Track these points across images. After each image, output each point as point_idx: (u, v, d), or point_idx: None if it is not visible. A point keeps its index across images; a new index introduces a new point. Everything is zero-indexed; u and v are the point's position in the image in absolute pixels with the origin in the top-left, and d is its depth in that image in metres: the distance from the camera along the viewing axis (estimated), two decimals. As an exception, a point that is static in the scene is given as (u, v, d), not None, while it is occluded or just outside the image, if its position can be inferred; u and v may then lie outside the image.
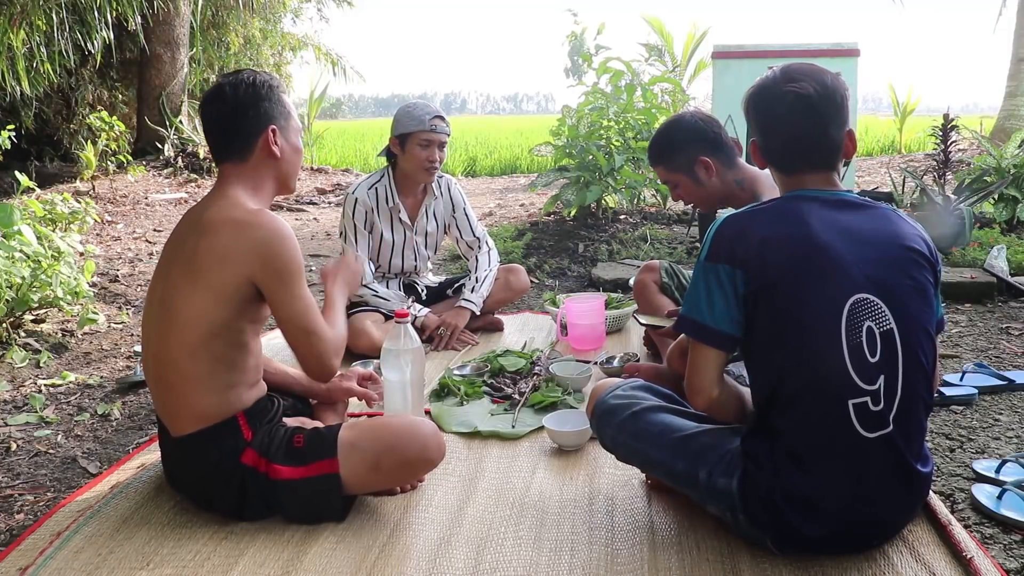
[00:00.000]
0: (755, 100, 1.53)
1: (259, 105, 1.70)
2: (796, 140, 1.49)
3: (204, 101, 1.74)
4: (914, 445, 1.44)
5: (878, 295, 1.38)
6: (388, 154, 3.03)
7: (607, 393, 1.72)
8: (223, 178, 1.72)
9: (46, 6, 6.39)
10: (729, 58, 4.68)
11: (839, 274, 1.38)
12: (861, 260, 1.39)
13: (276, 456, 1.64)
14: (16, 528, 1.77)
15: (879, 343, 1.37)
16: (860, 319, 1.37)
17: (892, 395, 1.38)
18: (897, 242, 1.44)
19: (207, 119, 1.74)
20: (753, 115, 1.54)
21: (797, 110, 1.46)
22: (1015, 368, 2.66)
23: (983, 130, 8.13)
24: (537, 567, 1.50)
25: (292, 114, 1.78)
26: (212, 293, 1.59)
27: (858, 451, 1.38)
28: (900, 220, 1.49)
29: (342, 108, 32.02)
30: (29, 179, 4.80)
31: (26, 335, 3.17)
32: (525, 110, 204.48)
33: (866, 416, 1.37)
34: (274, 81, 1.76)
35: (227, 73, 1.77)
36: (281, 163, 1.75)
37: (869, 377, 1.37)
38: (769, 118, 1.51)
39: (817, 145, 1.48)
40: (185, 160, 8.59)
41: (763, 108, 1.52)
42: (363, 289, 2.96)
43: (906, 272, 1.43)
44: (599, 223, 5.59)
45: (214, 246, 1.60)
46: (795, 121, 1.47)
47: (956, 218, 4.40)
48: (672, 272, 2.76)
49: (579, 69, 6.15)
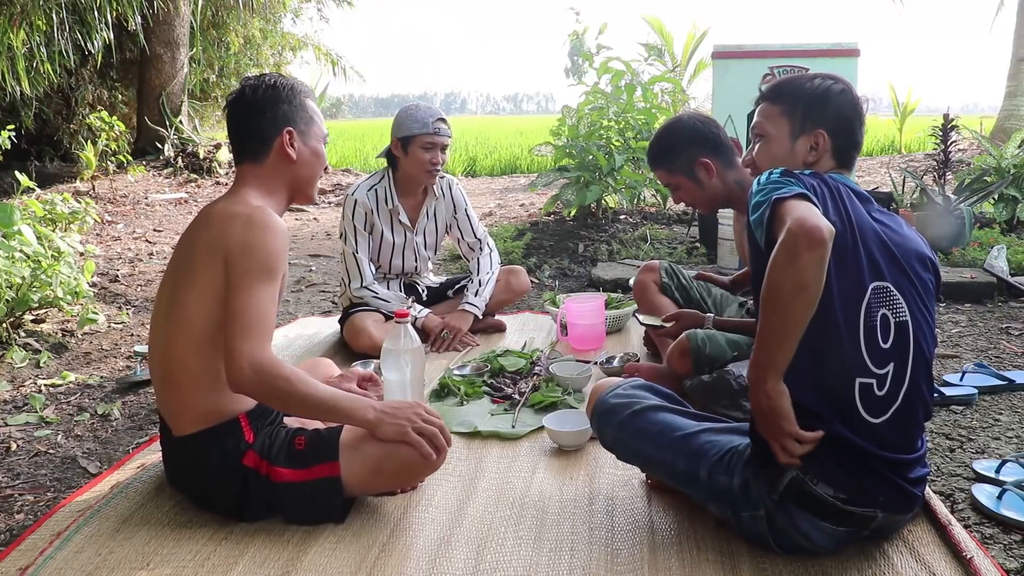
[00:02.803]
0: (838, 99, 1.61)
1: (277, 107, 1.70)
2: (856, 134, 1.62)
3: (227, 102, 1.76)
4: (911, 439, 1.45)
5: (897, 288, 1.44)
6: (388, 156, 3.03)
7: (607, 392, 1.72)
8: (238, 179, 1.73)
9: (46, 6, 6.39)
10: (729, 58, 4.68)
11: (869, 257, 1.43)
12: (887, 253, 1.45)
13: (277, 458, 1.64)
14: (16, 528, 1.77)
15: (892, 331, 1.42)
16: (877, 305, 1.41)
17: (899, 384, 1.41)
18: (913, 246, 1.52)
19: (228, 119, 1.75)
20: (833, 113, 1.60)
21: (860, 112, 1.63)
22: (1015, 368, 2.66)
23: (983, 130, 8.13)
24: (537, 567, 1.50)
25: (315, 120, 1.78)
26: (207, 289, 1.58)
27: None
28: (913, 230, 1.57)
29: (342, 108, 32.01)
30: (29, 179, 4.81)
31: (26, 335, 3.17)
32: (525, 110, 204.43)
33: (870, 399, 1.39)
34: (299, 86, 1.76)
35: (252, 75, 1.77)
36: (297, 167, 1.74)
37: (879, 361, 1.40)
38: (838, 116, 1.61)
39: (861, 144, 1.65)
40: (185, 160, 8.59)
41: (844, 108, 1.60)
42: (363, 290, 2.96)
43: (919, 274, 1.49)
44: (599, 223, 5.59)
45: (207, 240, 1.60)
46: (861, 121, 1.63)
47: (956, 218, 4.40)
48: (672, 272, 2.76)
49: (579, 69, 6.15)
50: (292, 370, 1.56)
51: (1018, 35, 9.11)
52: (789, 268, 1.27)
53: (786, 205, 1.36)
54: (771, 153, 1.65)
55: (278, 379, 1.52)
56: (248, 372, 1.50)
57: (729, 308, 2.66)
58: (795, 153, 1.61)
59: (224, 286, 1.57)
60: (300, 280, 4.49)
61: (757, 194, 1.44)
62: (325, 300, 4.02)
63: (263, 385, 1.52)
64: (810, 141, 1.60)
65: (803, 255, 1.26)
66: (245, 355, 1.50)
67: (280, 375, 1.53)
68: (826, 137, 1.58)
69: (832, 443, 1.37)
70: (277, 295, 1.61)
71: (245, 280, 1.54)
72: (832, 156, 1.59)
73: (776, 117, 1.65)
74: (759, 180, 1.47)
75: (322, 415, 1.65)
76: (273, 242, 1.58)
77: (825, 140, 1.58)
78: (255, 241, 1.56)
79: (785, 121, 1.63)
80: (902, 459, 1.43)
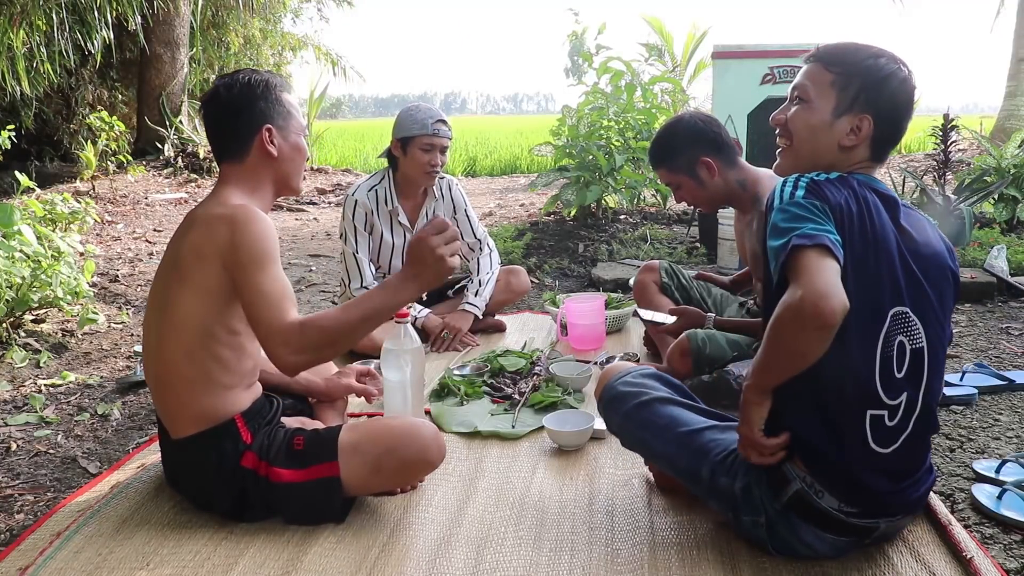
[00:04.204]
0: (898, 88, 1.45)
1: (254, 105, 1.68)
2: (902, 130, 1.49)
3: (202, 102, 1.73)
4: (919, 461, 1.45)
5: (916, 313, 1.37)
6: (389, 156, 3.03)
7: (616, 379, 1.70)
8: (221, 179, 1.72)
9: (46, 6, 6.39)
10: (729, 58, 4.68)
11: (891, 282, 1.35)
12: (910, 275, 1.38)
13: (276, 459, 1.64)
14: (16, 528, 1.77)
15: (908, 359, 1.36)
16: (896, 332, 1.35)
17: (911, 412, 1.38)
18: (940, 261, 1.43)
19: (205, 120, 1.73)
20: (887, 100, 1.45)
21: (912, 107, 1.47)
22: (1015, 368, 2.66)
23: (983, 130, 8.13)
24: (537, 567, 1.50)
25: (293, 113, 1.75)
26: (197, 291, 1.58)
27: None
28: (939, 234, 1.48)
29: (342, 108, 32.02)
30: (29, 179, 4.81)
31: (26, 335, 3.17)
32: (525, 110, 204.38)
33: (880, 431, 1.36)
34: (273, 80, 1.73)
35: (224, 74, 1.75)
36: (279, 163, 1.72)
37: (893, 392, 1.36)
38: (892, 106, 1.45)
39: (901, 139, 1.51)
40: (185, 160, 8.60)
41: (900, 99, 1.45)
42: (363, 291, 2.95)
43: (943, 294, 1.42)
44: (599, 223, 5.59)
45: (193, 243, 1.59)
46: (910, 116, 1.48)
47: (956, 218, 4.40)
48: (672, 272, 2.76)
49: (579, 69, 6.16)
50: (319, 315, 1.51)
51: (1018, 35, 9.11)
52: (793, 336, 1.23)
53: (805, 259, 1.25)
54: (808, 123, 1.47)
55: (314, 329, 1.49)
56: (285, 347, 1.48)
57: (729, 308, 2.66)
58: (834, 131, 1.45)
59: (216, 288, 1.57)
60: (300, 280, 4.49)
61: (779, 214, 1.33)
62: (325, 300, 4.02)
63: (307, 343, 1.49)
64: (853, 123, 1.44)
65: (809, 332, 1.21)
66: (275, 333, 1.49)
67: (313, 325, 1.49)
68: (871, 124, 1.43)
69: (837, 471, 1.37)
70: (281, 270, 1.59)
71: (247, 276, 1.54)
72: (869, 146, 1.46)
73: (824, 86, 1.46)
74: (782, 192, 1.37)
75: (376, 321, 1.55)
76: (260, 231, 1.56)
77: (869, 126, 1.43)
78: (242, 238, 1.55)
79: (833, 93, 1.45)
80: (908, 480, 1.43)
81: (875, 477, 1.38)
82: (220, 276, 1.56)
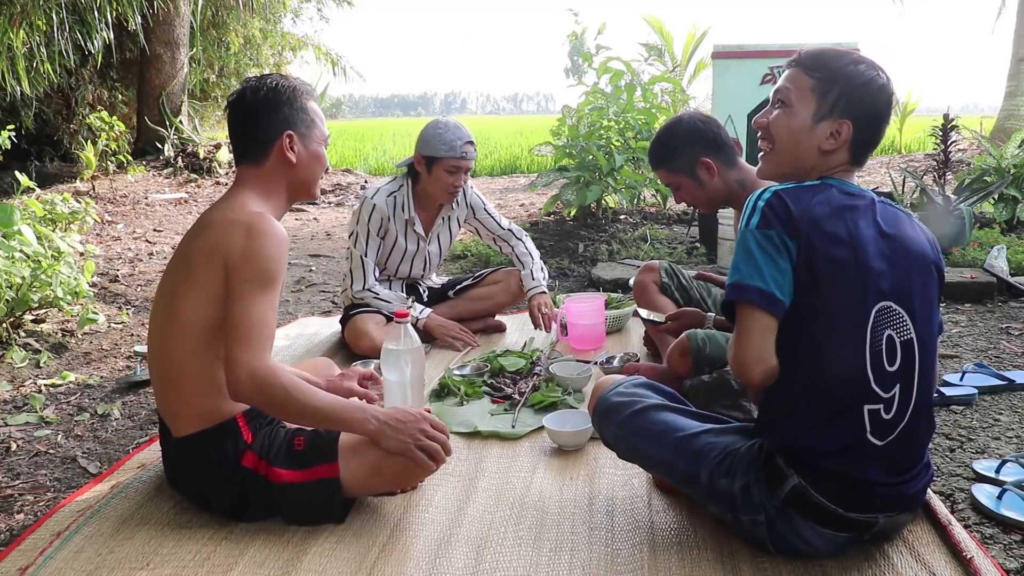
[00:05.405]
0: (877, 94, 1.49)
1: (278, 110, 1.69)
2: (880, 134, 1.53)
3: (228, 103, 1.74)
4: (916, 454, 1.45)
5: (901, 306, 1.40)
6: (410, 168, 3.02)
7: (609, 390, 1.71)
8: (237, 181, 1.73)
9: (46, 6, 6.39)
10: (729, 58, 4.68)
11: (872, 278, 1.38)
12: (891, 269, 1.40)
13: (276, 459, 1.64)
14: (16, 528, 1.77)
15: (899, 352, 1.39)
16: (882, 327, 1.38)
17: (906, 404, 1.40)
18: (923, 257, 1.46)
19: (228, 121, 1.74)
20: (867, 106, 1.49)
21: (891, 111, 1.53)
22: (1015, 368, 2.66)
23: (983, 130, 8.14)
24: (537, 567, 1.50)
25: (316, 122, 1.76)
26: (205, 292, 1.58)
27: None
28: (918, 227, 1.50)
29: (342, 108, 31.98)
30: (29, 179, 4.81)
31: (26, 335, 3.17)
32: (525, 110, 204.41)
33: (878, 423, 1.38)
34: (300, 87, 1.73)
35: (254, 76, 1.76)
36: (296, 170, 1.73)
37: (886, 385, 1.38)
38: (870, 111, 1.49)
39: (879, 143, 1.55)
40: (185, 160, 8.59)
41: (879, 105, 1.50)
42: (365, 292, 2.95)
43: (927, 286, 1.45)
44: (599, 223, 5.59)
45: (205, 245, 1.60)
46: (888, 121, 1.53)
47: (956, 218, 4.40)
48: (672, 272, 2.76)
49: (579, 69, 6.16)
50: (290, 379, 1.54)
51: (1018, 35, 9.12)
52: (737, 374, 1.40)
53: (740, 315, 1.38)
54: (789, 127, 1.50)
55: (275, 388, 1.52)
56: (246, 381, 1.50)
57: (729, 308, 2.66)
58: (814, 135, 1.48)
59: (223, 291, 1.57)
60: (300, 280, 4.49)
61: (738, 243, 1.41)
62: (325, 300, 4.02)
63: (261, 394, 1.52)
64: (833, 127, 1.47)
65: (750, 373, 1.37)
66: (243, 364, 1.50)
67: (278, 384, 1.52)
68: (851, 128, 1.46)
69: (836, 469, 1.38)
70: (277, 302, 1.60)
71: (245, 289, 1.54)
72: (849, 149, 1.49)
73: (805, 91, 1.49)
74: (746, 212, 1.41)
75: (322, 424, 1.64)
76: (274, 249, 1.58)
77: (849, 131, 1.46)
78: (256, 249, 1.56)
79: (813, 99, 1.48)
80: (906, 475, 1.44)
81: (870, 468, 1.39)
82: (224, 278, 1.57)
